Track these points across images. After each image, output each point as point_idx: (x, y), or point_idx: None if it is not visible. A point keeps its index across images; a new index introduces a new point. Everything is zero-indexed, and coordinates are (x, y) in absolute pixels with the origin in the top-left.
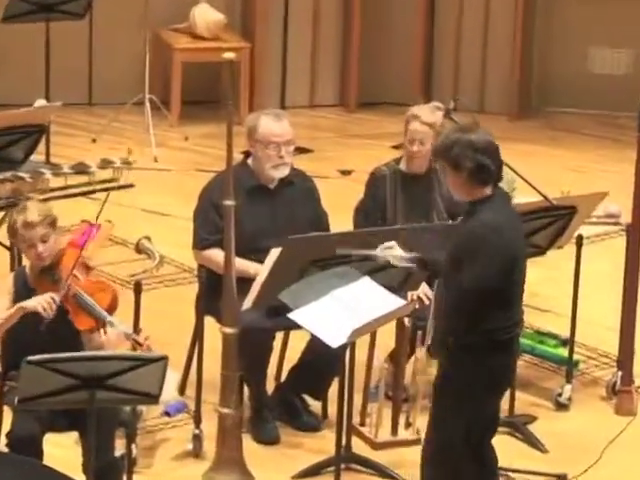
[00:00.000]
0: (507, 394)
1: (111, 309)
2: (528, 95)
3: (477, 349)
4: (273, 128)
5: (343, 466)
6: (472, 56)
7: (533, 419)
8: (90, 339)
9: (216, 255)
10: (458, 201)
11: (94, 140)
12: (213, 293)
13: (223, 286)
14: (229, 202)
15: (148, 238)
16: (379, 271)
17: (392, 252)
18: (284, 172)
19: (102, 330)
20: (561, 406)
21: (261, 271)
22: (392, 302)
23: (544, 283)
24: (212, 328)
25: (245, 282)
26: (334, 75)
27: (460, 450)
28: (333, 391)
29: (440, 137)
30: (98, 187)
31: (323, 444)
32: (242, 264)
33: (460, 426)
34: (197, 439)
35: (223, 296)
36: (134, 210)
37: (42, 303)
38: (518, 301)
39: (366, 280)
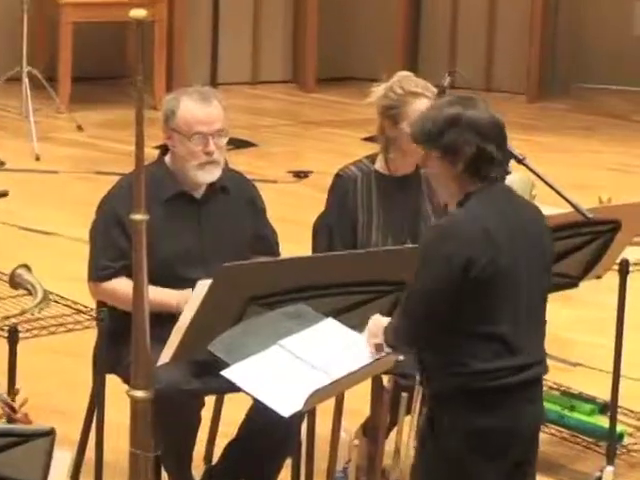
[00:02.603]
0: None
1: None
2: (553, 68)
3: (450, 401)
4: (197, 112)
5: None
6: (475, 15)
7: None
8: None
9: (121, 286)
10: None
11: None
12: (118, 342)
13: (132, 331)
14: (139, 216)
15: (27, 267)
16: (349, 310)
17: None
18: (213, 175)
19: None
20: None
21: (185, 309)
22: (366, 353)
23: (575, 326)
24: (117, 391)
25: (163, 326)
26: (284, 42)
27: None
28: (285, 477)
29: (425, 114)
30: None
31: None
32: (160, 294)
33: None
34: None
35: (132, 346)
36: (8, 228)
37: None
38: (516, 333)
39: (330, 323)
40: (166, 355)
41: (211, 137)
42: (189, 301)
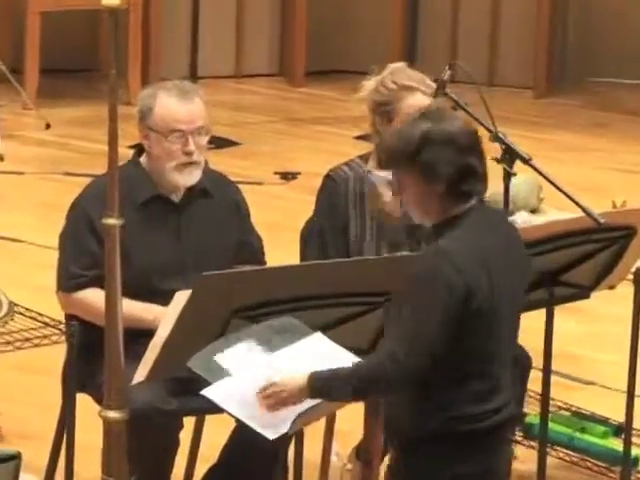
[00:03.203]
0: None
1: None
2: (562, 60)
3: (428, 447)
4: (175, 109)
5: None
6: (478, 2)
7: None
8: None
9: (94, 298)
10: None
11: None
12: (89, 358)
13: (105, 347)
14: (113, 220)
15: None
16: (340, 324)
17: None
18: (193, 177)
19: None
20: None
21: (162, 323)
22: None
23: (586, 341)
24: (88, 411)
25: (139, 341)
26: (271, 32)
27: None
28: None
29: (394, 133)
30: None
31: None
32: (135, 309)
33: None
34: None
35: (105, 363)
36: None
37: None
38: (501, 368)
39: (318, 338)
40: (142, 373)
41: (191, 136)
42: (166, 314)
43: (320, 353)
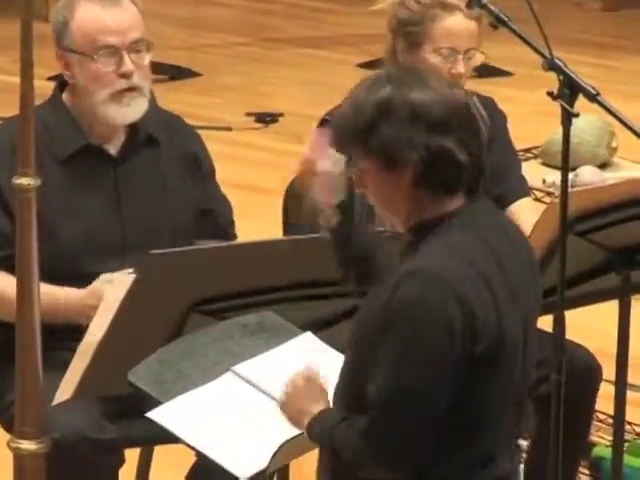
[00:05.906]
0: None
1: None
2: None
3: None
4: (100, 17)
5: None
6: None
7: None
8: None
9: (5, 286)
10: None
11: None
12: None
13: (16, 353)
14: (27, 180)
15: None
16: (330, 324)
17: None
18: (136, 109)
19: None
20: None
21: (95, 320)
22: None
23: None
24: None
25: (65, 344)
26: None
27: None
28: None
29: (347, 101)
30: None
31: None
32: (54, 293)
33: None
34: None
35: (16, 374)
36: None
37: None
38: (500, 426)
39: (309, 339)
40: (67, 389)
41: (126, 52)
42: (100, 308)
43: (316, 361)
